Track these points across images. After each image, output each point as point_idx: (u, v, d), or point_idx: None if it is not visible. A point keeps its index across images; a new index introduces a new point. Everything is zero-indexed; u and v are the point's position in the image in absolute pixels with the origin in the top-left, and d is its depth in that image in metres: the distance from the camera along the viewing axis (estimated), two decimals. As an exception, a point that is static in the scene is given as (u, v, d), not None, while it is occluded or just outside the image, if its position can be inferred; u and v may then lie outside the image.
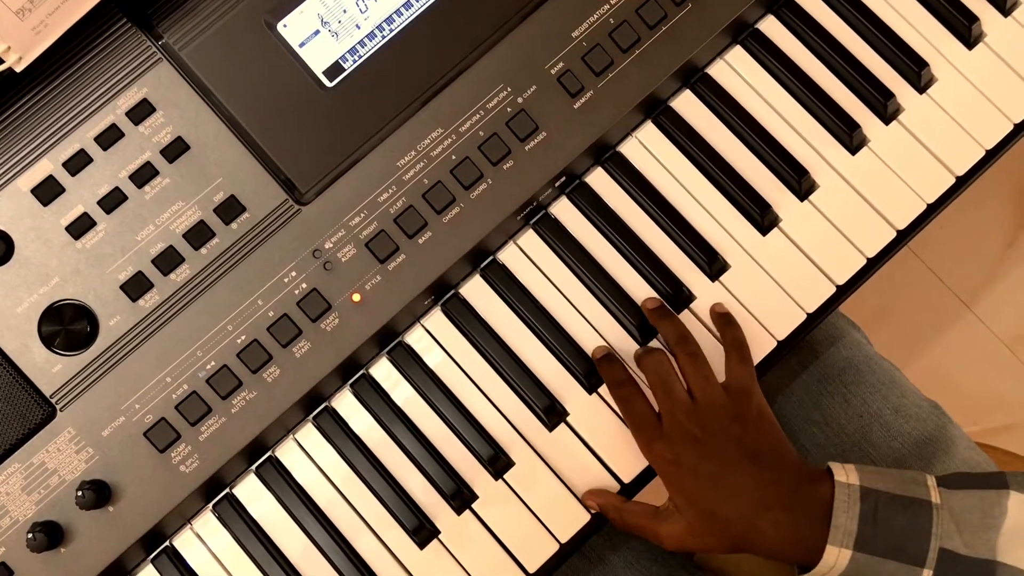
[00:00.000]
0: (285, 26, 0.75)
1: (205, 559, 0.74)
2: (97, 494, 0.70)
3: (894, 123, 0.80)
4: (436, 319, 0.78)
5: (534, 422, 0.76)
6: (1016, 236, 1.68)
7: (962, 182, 0.80)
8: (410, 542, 0.75)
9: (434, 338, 0.77)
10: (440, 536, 0.75)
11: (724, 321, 0.76)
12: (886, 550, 0.64)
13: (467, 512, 0.75)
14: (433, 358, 0.77)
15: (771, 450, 0.70)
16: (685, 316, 0.78)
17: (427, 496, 0.75)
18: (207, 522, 0.75)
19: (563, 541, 0.75)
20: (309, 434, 0.76)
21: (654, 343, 0.77)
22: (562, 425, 0.76)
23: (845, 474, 0.67)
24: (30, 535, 0.69)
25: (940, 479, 0.68)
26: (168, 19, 0.75)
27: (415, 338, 0.78)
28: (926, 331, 1.66)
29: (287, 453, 0.76)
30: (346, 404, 0.77)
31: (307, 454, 0.76)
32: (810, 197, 0.79)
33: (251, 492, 0.75)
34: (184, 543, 0.75)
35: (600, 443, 0.76)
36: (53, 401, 0.72)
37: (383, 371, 0.77)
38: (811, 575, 0.67)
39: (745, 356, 0.74)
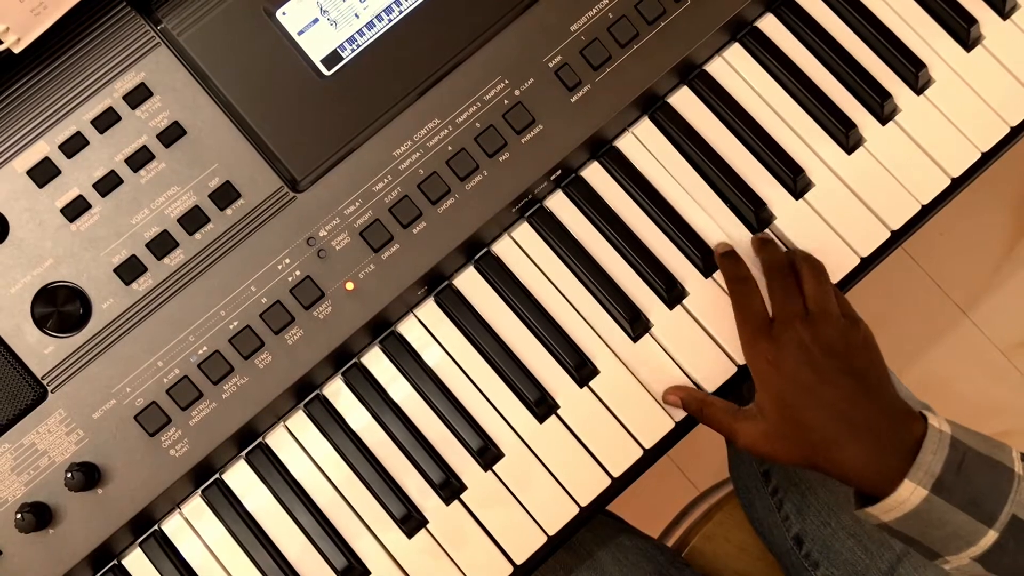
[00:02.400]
0: (284, 14, 0.76)
1: (193, 544, 0.75)
2: (86, 476, 0.70)
3: (891, 123, 0.80)
4: (429, 309, 0.78)
5: (524, 414, 0.76)
6: (1015, 244, 1.68)
7: (957, 184, 0.80)
8: (398, 531, 0.75)
9: (427, 328, 0.78)
10: (428, 526, 0.75)
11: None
12: (961, 501, 0.64)
13: (456, 502, 0.75)
14: (425, 348, 0.77)
15: (873, 376, 0.70)
16: (679, 312, 0.78)
17: (416, 485, 0.75)
18: (196, 507, 0.75)
19: (551, 533, 0.75)
20: (300, 421, 0.76)
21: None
22: (552, 418, 0.76)
23: (939, 422, 0.68)
24: (19, 515, 0.69)
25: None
26: (167, 4, 0.75)
27: (408, 328, 0.78)
28: (923, 337, 1.66)
29: (277, 440, 0.76)
30: (337, 392, 0.77)
31: (297, 441, 0.76)
32: (805, 196, 0.79)
33: (240, 478, 0.75)
34: (172, 528, 0.75)
35: (589, 437, 0.76)
36: (44, 383, 0.72)
37: (375, 360, 0.77)
38: (878, 506, 0.66)
39: (843, 297, 0.75)
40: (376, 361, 0.77)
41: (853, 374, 0.70)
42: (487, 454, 0.75)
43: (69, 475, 0.70)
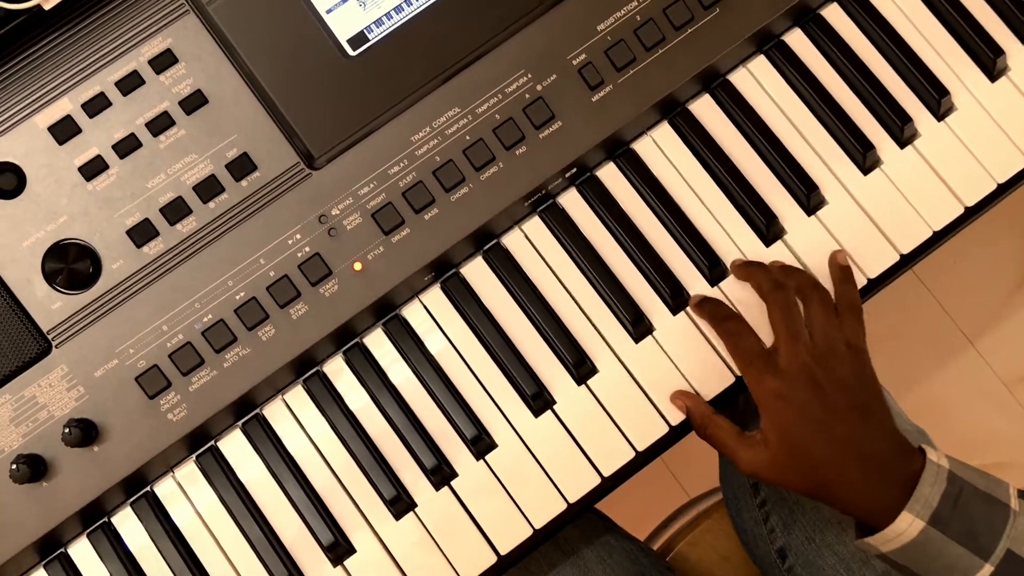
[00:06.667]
0: (314, -9, 0.76)
1: (183, 508, 0.75)
2: (84, 433, 0.71)
3: (909, 147, 0.80)
4: (434, 296, 0.78)
5: (520, 407, 0.77)
6: (1027, 277, 1.67)
7: (971, 213, 0.80)
8: (386, 512, 0.75)
9: (430, 314, 0.78)
10: (416, 509, 0.76)
11: (842, 277, 0.76)
12: (957, 534, 0.66)
13: (445, 489, 0.76)
14: (427, 334, 0.78)
15: (877, 409, 0.71)
16: (682, 318, 0.78)
17: (407, 469, 0.76)
18: (189, 472, 0.76)
19: (537, 527, 0.76)
20: (298, 396, 0.77)
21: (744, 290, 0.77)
22: (548, 413, 0.77)
23: (937, 457, 0.69)
24: (14, 466, 0.70)
25: (1021, 492, 0.69)
26: (199, -28, 0.76)
27: (412, 312, 0.78)
28: (927, 362, 1.65)
29: (274, 412, 0.77)
30: (337, 371, 0.77)
31: (294, 416, 0.77)
32: (817, 212, 0.79)
33: (235, 447, 0.76)
34: (164, 491, 0.76)
35: (583, 435, 0.76)
36: (49, 337, 0.73)
37: (377, 342, 0.78)
38: (877, 537, 0.68)
39: (860, 316, 0.75)
40: (378, 343, 0.78)
41: (860, 408, 0.70)
42: (480, 443, 0.76)
43: (67, 430, 0.70)
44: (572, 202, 0.80)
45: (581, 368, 0.77)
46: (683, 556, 0.98)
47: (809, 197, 0.79)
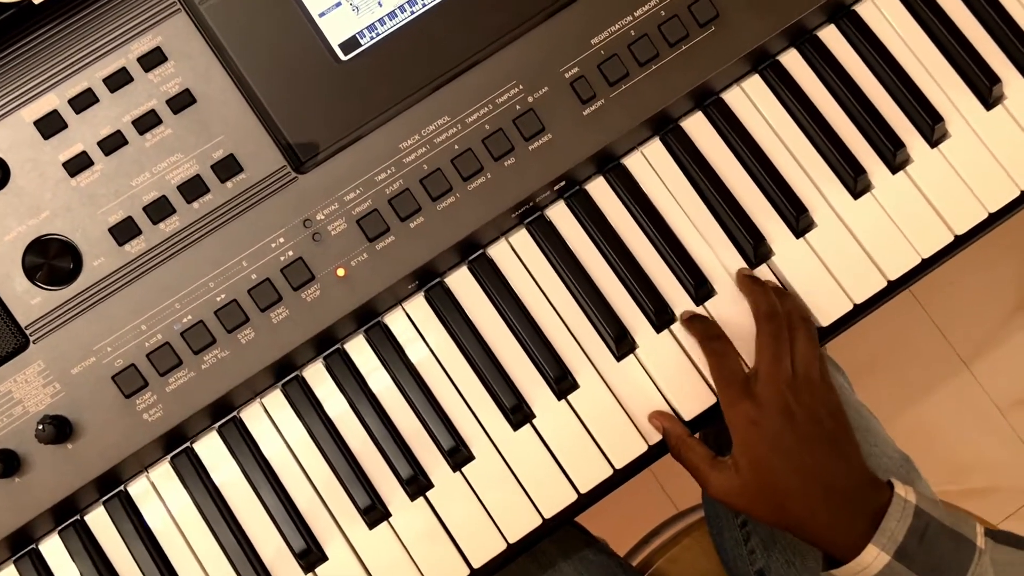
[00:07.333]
0: (307, -6, 0.76)
1: (156, 509, 0.75)
2: (58, 430, 0.71)
3: (901, 173, 0.80)
4: (417, 304, 0.78)
5: (500, 419, 0.76)
6: (1024, 301, 1.67)
7: (961, 241, 0.79)
8: (360, 520, 0.75)
9: (413, 323, 0.78)
10: (390, 519, 0.75)
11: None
12: (922, 569, 0.66)
13: (420, 499, 0.75)
14: (409, 343, 0.77)
15: (847, 443, 0.72)
16: (665, 336, 0.78)
17: (383, 478, 0.75)
18: (163, 473, 0.75)
19: (511, 541, 0.75)
20: (276, 401, 0.77)
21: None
22: (527, 426, 0.76)
23: (904, 491, 0.69)
24: (-15, 461, 0.70)
25: (987, 531, 0.69)
26: (192, -29, 0.75)
27: (394, 320, 0.78)
28: (921, 383, 1.65)
29: (252, 416, 0.76)
30: (317, 376, 0.77)
31: (271, 420, 0.76)
32: (806, 235, 0.79)
33: (210, 449, 0.76)
34: (137, 491, 0.75)
35: (562, 449, 0.76)
36: (27, 332, 0.72)
37: (358, 349, 0.77)
38: (843, 570, 0.68)
39: (823, 356, 0.76)
40: (359, 350, 0.77)
41: (830, 441, 0.71)
42: (458, 455, 0.75)
43: (40, 427, 0.70)
44: (560, 215, 0.79)
45: (562, 383, 0.76)
46: (662, 573, 0.97)
47: (798, 219, 0.78)
